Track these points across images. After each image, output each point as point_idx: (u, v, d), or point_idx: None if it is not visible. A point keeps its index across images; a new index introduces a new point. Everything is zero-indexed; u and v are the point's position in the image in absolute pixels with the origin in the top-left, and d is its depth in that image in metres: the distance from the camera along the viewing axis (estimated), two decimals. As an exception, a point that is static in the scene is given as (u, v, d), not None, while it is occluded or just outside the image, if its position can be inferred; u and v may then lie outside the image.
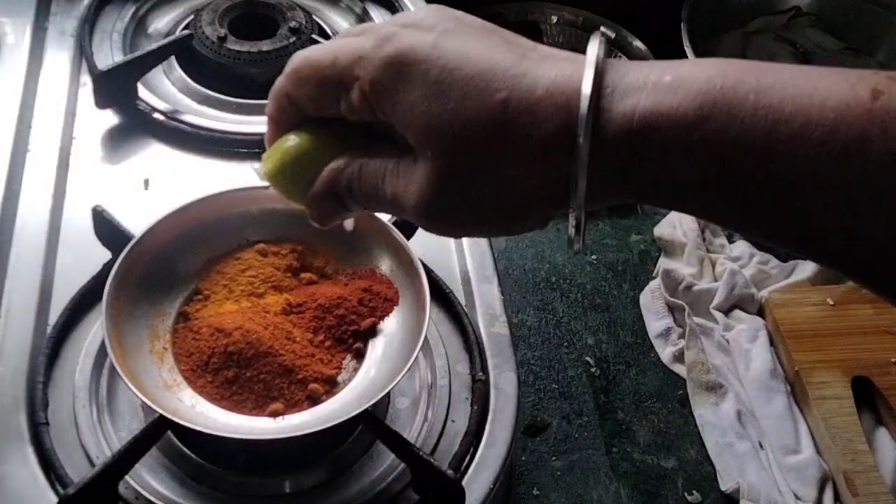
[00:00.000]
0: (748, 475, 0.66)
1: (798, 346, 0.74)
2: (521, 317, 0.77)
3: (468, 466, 0.57)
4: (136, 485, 0.55)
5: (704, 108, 0.30)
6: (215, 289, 0.60)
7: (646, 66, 0.32)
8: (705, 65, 0.31)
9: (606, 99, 0.31)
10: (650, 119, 0.31)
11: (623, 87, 0.31)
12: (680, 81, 0.31)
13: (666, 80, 0.31)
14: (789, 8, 1.11)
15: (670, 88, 0.31)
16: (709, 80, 0.30)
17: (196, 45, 0.82)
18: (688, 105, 0.30)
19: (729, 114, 0.30)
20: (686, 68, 0.31)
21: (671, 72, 0.31)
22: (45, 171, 0.72)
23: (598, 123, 0.31)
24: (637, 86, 0.31)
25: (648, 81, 0.31)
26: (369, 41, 0.34)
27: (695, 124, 0.30)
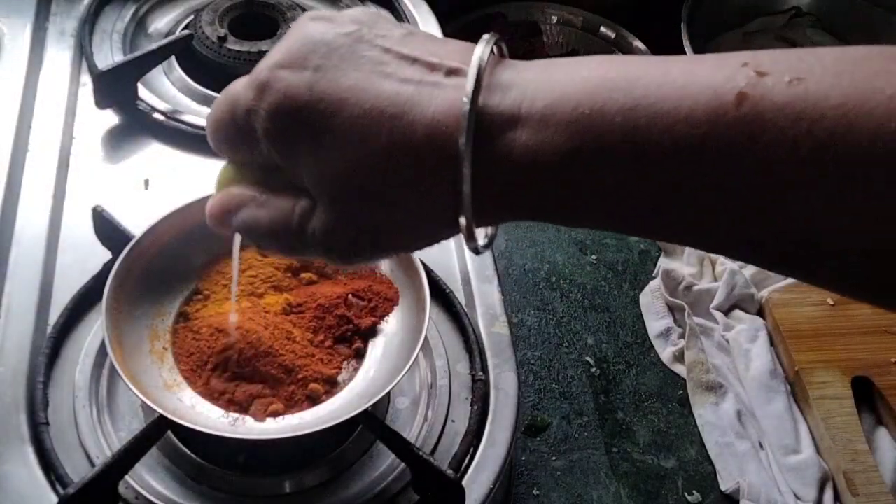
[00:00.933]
0: (748, 475, 0.66)
1: (798, 346, 0.74)
2: (521, 317, 0.77)
3: (468, 466, 0.57)
4: (136, 485, 0.55)
5: (574, 139, 0.30)
6: (215, 289, 0.60)
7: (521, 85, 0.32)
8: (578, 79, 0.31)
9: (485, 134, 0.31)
10: (527, 154, 0.31)
11: (503, 119, 0.31)
12: (552, 110, 0.31)
13: (538, 109, 0.31)
14: (789, 8, 1.11)
15: (542, 120, 0.31)
16: (577, 107, 0.30)
17: (196, 45, 0.82)
18: (560, 138, 0.30)
19: (598, 143, 0.30)
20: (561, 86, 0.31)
21: (543, 95, 0.31)
22: (46, 171, 0.72)
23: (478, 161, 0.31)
24: (513, 116, 0.31)
25: (522, 111, 0.31)
26: (251, 93, 0.34)
27: (569, 154, 0.30)
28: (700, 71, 0.30)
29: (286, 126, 0.34)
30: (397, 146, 0.32)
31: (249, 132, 0.35)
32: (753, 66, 0.29)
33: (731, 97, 0.28)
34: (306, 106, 0.33)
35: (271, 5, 0.85)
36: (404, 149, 0.32)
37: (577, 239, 0.84)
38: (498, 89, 0.32)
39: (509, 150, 0.31)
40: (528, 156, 0.31)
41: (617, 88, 0.30)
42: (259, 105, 0.34)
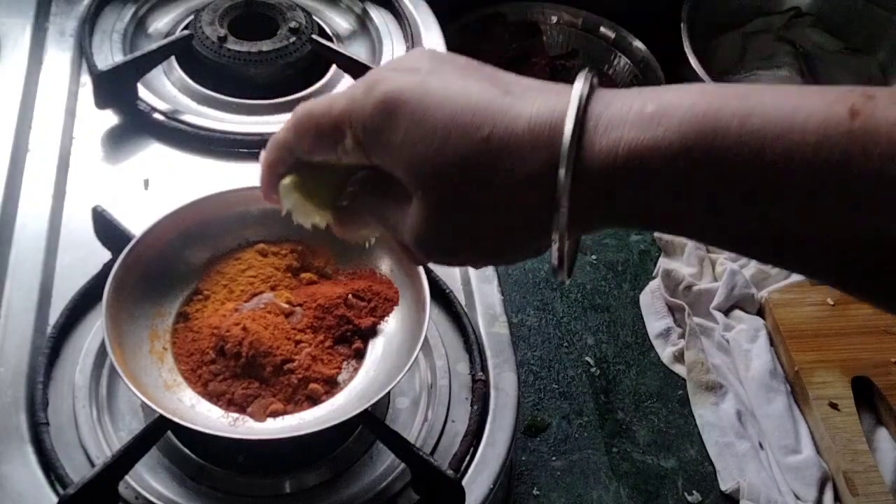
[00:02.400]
0: (748, 475, 0.66)
1: (798, 346, 0.74)
2: (521, 317, 0.77)
3: (468, 466, 0.57)
4: (136, 485, 0.55)
5: (688, 137, 0.30)
6: (215, 289, 0.60)
7: (629, 96, 0.32)
8: (688, 92, 0.32)
9: (589, 133, 0.32)
10: (634, 152, 0.31)
11: (606, 120, 0.32)
12: (663, 111, 0.31)
13: (648, 111, 0.31)
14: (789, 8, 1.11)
15: (653, 119, 0.31)
16: (691, 108, 0.31)
17: (196, 46, 0.82)
18: (671, 136, 0.31)
19: (713, 142, 0.30)
20: (669, 96, 0.32)
21: (654, 101, 0.32)
22: (45, 171, 0.72)
23: (581, 157, 0.31)
24: (620, 118, 0.32)
25: (631, 112, 0.32)
26: (360, 88, 0.36)
27: (680, 154, 0.30)
28: (810, 92, 0.31)
29: (388, 118, 0.34)
30: (498, 140, 0.33)
31: (341, 127, 0.36)
32: (860, 92, 0.30)
33: (845, 112, 0.29)
34: (411, 100, 0.34)
35: (271, 5, 0.85)
36: (505, 142, 0.32)
37: (577, 239, 0.84)
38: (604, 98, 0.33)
39: (613, 147, 0.31)
40: (633, 152, 0.31)
41: (730, 96, 0.31)
42: (366, 98, 0.35)
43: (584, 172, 0.32)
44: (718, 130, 0.30)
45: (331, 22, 0.92)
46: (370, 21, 0.91)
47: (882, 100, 0.29)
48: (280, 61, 0.82)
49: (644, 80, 1.05)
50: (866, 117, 0.29)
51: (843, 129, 0.29)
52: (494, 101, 0.33)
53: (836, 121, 0.29)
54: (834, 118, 0.29)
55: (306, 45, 0.83)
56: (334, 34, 0.90)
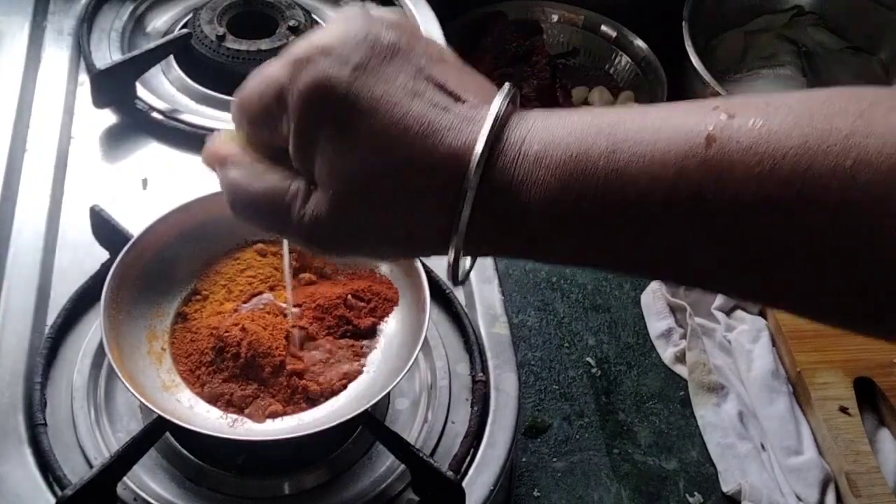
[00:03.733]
0: (750, 476, 0.66)
1: (800, 346, 0.74)
2: (522, 317, 0.76)
3: (468, 468, 0.57)
4: (134, 486, 0.54)
5: (563, 178, 0.33)
6: (214, 289, 0.60)
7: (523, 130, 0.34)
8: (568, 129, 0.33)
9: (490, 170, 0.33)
10: (522, 191, 0.33)
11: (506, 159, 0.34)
12: (543, 153, 0.33)
13: (534, 151, 0.33)
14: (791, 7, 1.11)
15: (536, 162, 0.33)
16: (566, 150, 0.33)
17: (195, 44, 0.82)
18: (551, 178, 0.33)
19: (584, 183, 0.32)
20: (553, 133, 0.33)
21: (540, 140, 0.33)
22: (43, 170, 0.72)
23: (481, 192, 0.33)
24: (514, 156, 0.33)
25: (522, 152, 0.33)
26: (286, 69, 0.36)
27: (559, 194, 0.33)
28: (675, 115, 0.32)
29: (316, 109, 0.35)
30: (415, 162, 0.34)
31: (276, 110, 0.36)
32: (724, 109, 0.31)
33: (702, 139, 0.31)
34: (340, 99, 0.34)
35: (270, 4, 0.85)
36: (420, 166, 0.34)
37: (577, 239, 0.83)
38: (506, 132, 0.34)
39: (507, 185, 0.33)
40: (522, 192, 0.33)
41: (601, 133, 0.33)
42: (294, 82, 0.35)
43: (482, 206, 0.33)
44: (588, 171, 0.32)
45: (330, 21, 0.91)
46: (370, 20, 0.91)
47: (741, 118, 0.30)
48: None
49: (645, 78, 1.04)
50: (721, 144, 0.30)
51: (699, 159, 0.30)
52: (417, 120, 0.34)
53: (693, 152, 0.31)
54: (692, 149, 0.31)
55: (306, 44, 0.83)
56: (334, 33, 0.90)
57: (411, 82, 0.35)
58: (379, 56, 0.35)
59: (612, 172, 0.32)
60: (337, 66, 0.34)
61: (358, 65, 0.35)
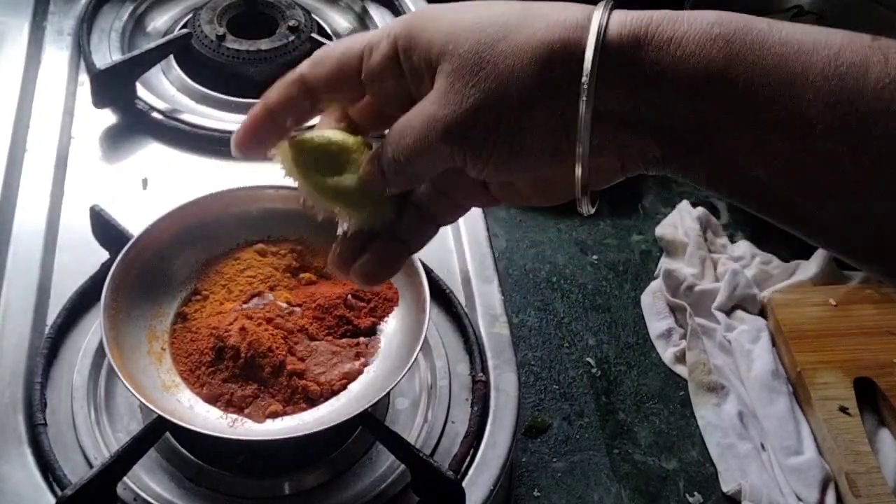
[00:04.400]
0: (750, 476, 0.66)
1: (800, 346, 0.74)
2: (522, 317, 0.76)
3: (468, 468, 0.57)
4: (134, 486, 0.54)
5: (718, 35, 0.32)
6: (214, 289, 0.60)
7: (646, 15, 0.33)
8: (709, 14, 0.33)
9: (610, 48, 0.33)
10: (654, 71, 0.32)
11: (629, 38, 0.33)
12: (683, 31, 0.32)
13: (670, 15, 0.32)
14: (791, 6, 1.11)
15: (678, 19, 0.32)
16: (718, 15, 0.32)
17: (195, 44, 0.82)
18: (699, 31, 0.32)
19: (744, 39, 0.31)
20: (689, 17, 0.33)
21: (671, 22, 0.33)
22: (43, 170, 0.72)
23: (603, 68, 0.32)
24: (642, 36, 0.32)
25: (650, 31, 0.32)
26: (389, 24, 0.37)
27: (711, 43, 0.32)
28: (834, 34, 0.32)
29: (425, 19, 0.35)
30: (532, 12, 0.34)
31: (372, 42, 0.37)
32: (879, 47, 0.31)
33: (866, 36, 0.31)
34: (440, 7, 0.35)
35: (270, 4, 0.85)
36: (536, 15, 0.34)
37: (577, 239, 0.83)
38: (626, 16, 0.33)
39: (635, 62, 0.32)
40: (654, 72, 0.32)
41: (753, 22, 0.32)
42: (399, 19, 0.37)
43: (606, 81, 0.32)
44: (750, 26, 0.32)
45: (330, 20, 0.91)
46: (370, 19, 0.91)
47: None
48: (279, 60, 0.81)
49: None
50: (886, 41, 0.31)
51: (865, 42, 0.31)
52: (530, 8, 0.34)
53: (858, 37, 0.31)
54: (857, 36, 0.31)
55: (305, 44, 0.83)
56: (334, 33, 0.90)
57: None
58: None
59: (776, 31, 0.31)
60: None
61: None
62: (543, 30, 0.33)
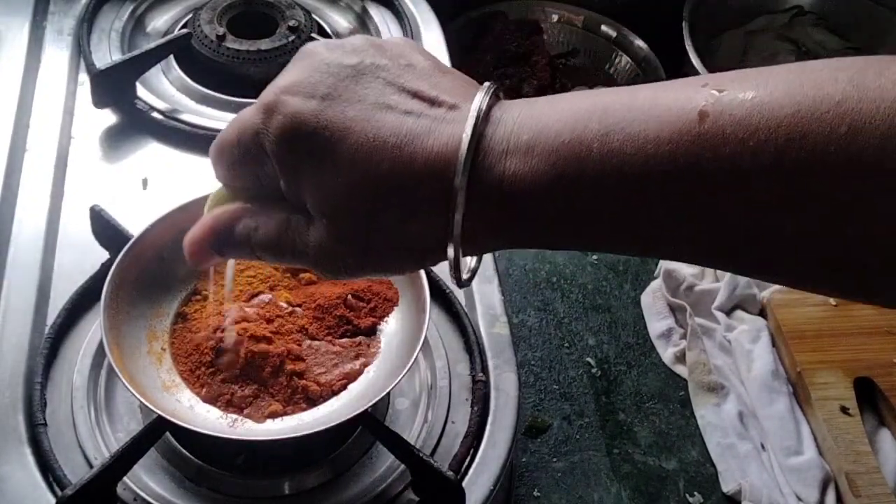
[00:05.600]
0: (750, 476, 0.66)
1: (800, 346, 0.74)
2: (522, 317, 0.76)
3: (468, 468, 0.57)
4: (134, 486, 0.54)
5: (557, 166, 0.32)
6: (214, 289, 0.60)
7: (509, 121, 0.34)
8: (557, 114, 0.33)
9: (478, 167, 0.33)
10: (515, 183, 0.33)
11: (493, 153, 0.33)
12: (535, 141, 0.33)
13: (524, 140, 0.33)
14: (791, 7, 1.11)
15: (528, 151, 0.33)
16: (557, 136, 0.33)
17: (195, 44, 0.82)
18: (544, 166, 0.32)
19: (579, 167, 0.32)
20: (543, 121, 0.33)
21: (530, 129, 0.33)
22: (43, 170, 0.72)
23: (472, 191, 0.33)
24: (503, 149, 0.33)
25: (510, 144, 0.33)
26: (258, 116, 0.36)
27: (552, 181, 0.32)
28: (665, 94, 0.32)
29: (292, 149, 0.35)
30: (397, 175, 0.34)
31: (255, 155, 0.37)
32: (713, 85, 0.31)
33: (694, 115, 0.31)
34: (313, 132, 0.35)
35: (270, 4, 0.85)
36: (403, 177, 0.34)
37: (577, 239, 0.83)
38: (490, 126, 0.34)
39: (499, 180, 0.33)
40: (515, 184, 0.33)
41: (592, 117, 0.33)
42: (268, 126, 0.36)
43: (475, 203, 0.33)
44: (582, 155, 0.32)
45: (330, 20, 0.91)
46: (370, 20, 0.91)
47: (731, 92, 0.31)
48: (279, 60, 0.81)
49: (646, 78, 1.04)
50: (714, 119, 0.30)
51: (693, 134, 0.31)
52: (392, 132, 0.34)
53: (686, 128, 0.31)
54: (685, 125, 0.31)
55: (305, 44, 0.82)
56: (334, 33, 0.90)
57: (382, 97, 0.35)
58: (344, 81, 0.35)
59: (606, 155, 0.32)
60: (304, 101, 0.35)
61: (324, 95, 0.35)
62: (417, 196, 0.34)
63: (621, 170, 0.31)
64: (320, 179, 0.35)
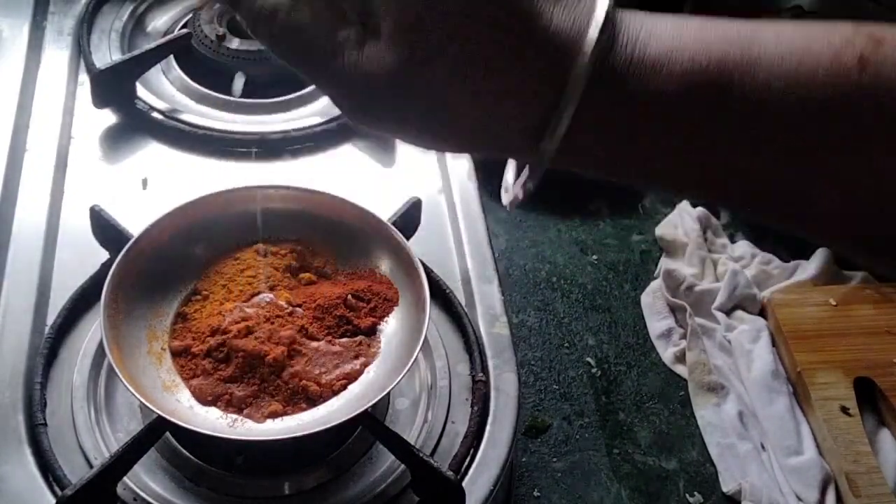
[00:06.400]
0: (750, 476, 0.66)
1: (800, 346, 0.74)
2: (522, 317, 0.76)
3: (468, 468, 0.57)
4: (134, 486, 0.54)
5: (689, 88, 0.29)
6: (214, 289, 0.60)
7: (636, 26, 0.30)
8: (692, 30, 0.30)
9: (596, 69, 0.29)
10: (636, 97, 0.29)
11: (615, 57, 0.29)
12: (667, 56, 0.29)
13: (651, 54, 0.29)
14: (791, 7, 1.11)
15: (656, 65, 0.29)
16: (693, 58, 0.29)
17: (195, 44, 0.82)
18: (672, 86, 0.29)
19: (716, 96, 0.29)
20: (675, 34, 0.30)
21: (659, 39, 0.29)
22: (43, 170, 0.72)
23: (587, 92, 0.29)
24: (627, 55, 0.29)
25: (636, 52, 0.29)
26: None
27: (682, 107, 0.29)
28: (816, 32, 0.29)
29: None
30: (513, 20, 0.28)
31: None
32: (867, 34, 0.29)
33: (854, 62, 0.28)
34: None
35: (270, 4, 0.85)
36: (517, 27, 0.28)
37: (577, 239, 0.83)
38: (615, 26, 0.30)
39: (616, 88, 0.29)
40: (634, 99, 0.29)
41: (733, 43, 0.29)
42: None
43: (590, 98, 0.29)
44: (720, 84, 0.29)
45: (330, 21, 0.91)
46: (370, 20, 0.91)
47: (891, 44, 0.28)
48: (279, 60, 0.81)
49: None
50: (876, 67, 0.28)
51: (853, 81, 0.28)
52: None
53: (844, 72, 0.28)
54: (843, 69, 0.28)
55: (306, 44, 0.83)
56: (334, 33, 0.90)
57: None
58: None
59: (750, 87, 0.28)
60: None
61: None
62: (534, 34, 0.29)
63: (765, 107, 0.28)
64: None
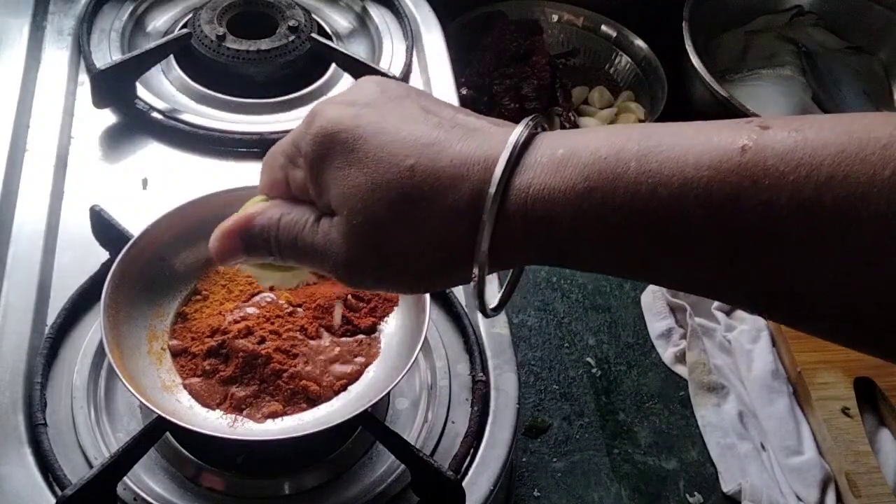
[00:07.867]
0: (750, 476, 0.66)
1: (800, 346, 0.74)
2: (522, 317, 0.76)
3: (468, 468, 0.57)
4: (134, 486, 0.54)
5: (591, 179, 0.32)
6: (214, 289, 0.60)
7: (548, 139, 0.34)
8: (598, 135, 0.33)
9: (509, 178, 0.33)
10: (543, 193, 0.33)
11: (526, 165, 0.33)
12: (570, 154, 0.33)
13: (559, 154, 0.33)
14: (791, 6, 1.11)
15: (562, 162, 0.33)
16: (594, 153, 0.32)
17: (195, 44, 0.82)
18: (576, 178, 0.32)
19: (613, 182, 0.32)
20: (580, 140, 0.33)
21: (565, 145, 0.33)
22: (43, 170, 0.72)
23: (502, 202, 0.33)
24: (535, 161, 0.33)
25: (544, 157, 0.33)
26: (303, 124, 0.38)
27: (584, 196, 0.32)
28: (709, 128, 0.32)
29: (324, 144, 0.36)
30: (422, 170, 0.34)
31: (292, 158, 0.39)
32: (758, 123, 0.31)
33: (737, 147, 0.30)
34: (346, 129, 0.36)
35: (270, 4, 0.85)
36: (428, 173, 0.34)
37: (577, 239, 0.83)
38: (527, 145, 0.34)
39: (526, 190, 0.33)
40: (545, 194, 0.33)
41: (631, 139, 0.32)
42: (307, 130, 0.37)
43: (501, 212, 0.33)
44: (618, 171, 0.32)
45: (330, 20, 0.91)
46: (370, 20, 0.91)
47: (776, 130, 0.30)
48: (279, 60, 0.81)
49: (645, 78, 1.04)
50: (756, 151, 0.30)
51: (733, 164, 0.30)
52: (423, 135, 0.35)
53: (727, 156, 0.30)
54: (726, 154, 0.30)
55: (305, 44, 0.83)
56: (334, 33, 0.90)
57: (421, 112, 0.36)
58: (386, 96, 0.37)
59: (643, 174, 0.31)
60: (345, 107, 0.37)
61: (365, 103, 0.36)
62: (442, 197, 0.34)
63: (656, 190, 0.31)
64: (346, 173, 0.35)
